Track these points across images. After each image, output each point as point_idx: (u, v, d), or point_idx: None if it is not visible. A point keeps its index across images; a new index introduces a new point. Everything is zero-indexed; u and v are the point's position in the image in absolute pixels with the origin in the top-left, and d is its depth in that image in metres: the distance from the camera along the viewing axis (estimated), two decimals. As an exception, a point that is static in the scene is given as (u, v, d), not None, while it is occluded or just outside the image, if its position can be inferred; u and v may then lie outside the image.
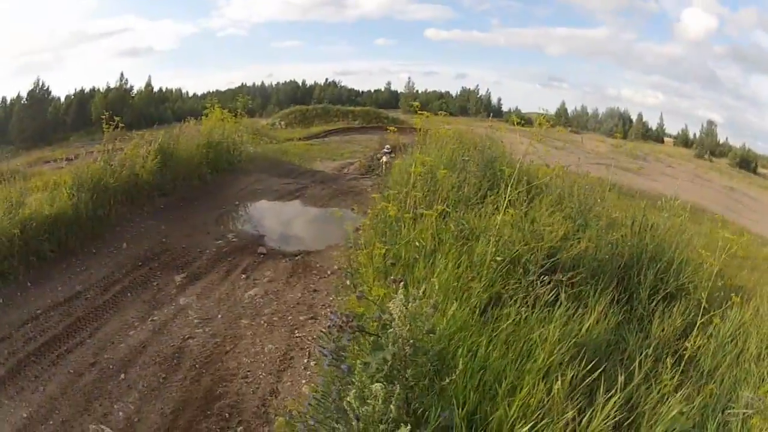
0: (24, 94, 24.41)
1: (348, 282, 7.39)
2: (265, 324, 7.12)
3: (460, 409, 3.74)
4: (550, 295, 5.37)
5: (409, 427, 3.29)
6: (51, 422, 5.44)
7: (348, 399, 3.40)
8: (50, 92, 24.97)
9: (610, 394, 3.78)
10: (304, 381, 5.87)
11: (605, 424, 3.63)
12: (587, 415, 3.69)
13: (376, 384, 3.35)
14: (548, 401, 3.79)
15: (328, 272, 8.51)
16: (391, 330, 3.68)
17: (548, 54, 28.27)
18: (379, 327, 3.98)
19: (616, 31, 27.54)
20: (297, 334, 6.81)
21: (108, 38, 25.17)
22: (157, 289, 8.20)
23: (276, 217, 11.83)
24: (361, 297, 5.19)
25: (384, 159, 18.45)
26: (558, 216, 6.82)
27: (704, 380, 4.67)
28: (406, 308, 3.59)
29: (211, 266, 8.99)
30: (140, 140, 12.64)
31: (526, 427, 3.55)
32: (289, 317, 7.24)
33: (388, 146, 18.91)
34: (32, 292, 7.96)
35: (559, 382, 3.86)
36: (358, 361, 3.61)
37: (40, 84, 24.62)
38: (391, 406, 3.33)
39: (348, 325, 3.80)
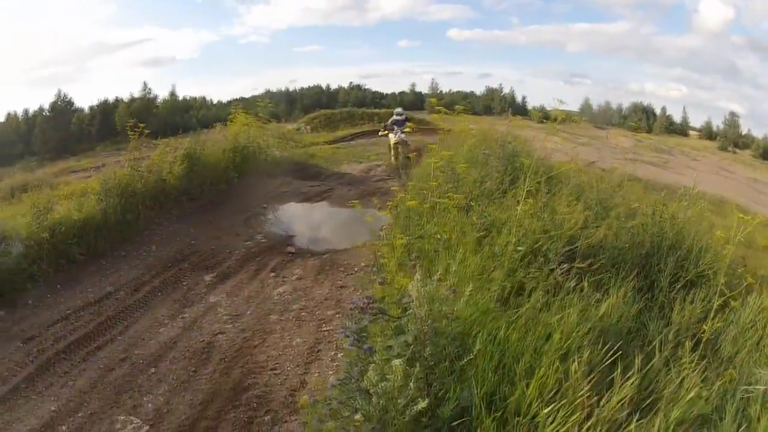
0: (46, 106, 24.83)
1: (374, 277, 7.48)
2: (294, 319, 7.24)
3: (479, 390, 3.82)
4: (571, 282, 5.44)
5: (427, 401, 3.39)
6: (80, 414, 5.60)
7: (368, 375, 3.50)
8: (73, 103, 25.36)
9: (627, 375, 3.83)
10: (331, 372, 5.96)
11: (621, 404, 3.68)
12: (604, 396, 3.73)
13: (395, 360, 3.44)
14: (566, 383, 3.85)
15: (355, 269, 8.61)
16: (411, 311, 3.79)
17: (569, 51, 28.26)
18: (400, 311, 4.09)
19: (636, 25, 27.49)
20: (324, 328, 6.91)
21: (129, 49, 25.57)
22: (187, 288, 8.38)
23: (304, 218, 11.93)
24: (383, 283, 5.28)
25: (394, 139, 16.68)
26: (578, 206, 6.89)
27: (723, 366, 4.68)
28: (424, 289, 3.68)
29: (240, 266, 9.16)
30: (166, 147, 12.90)
31: (546, 409, 3.61)
32: (317, 312, 7.34)
33: (399, 110, 17.23)
34: (62, 293, 8.18)
35: (576, 362, 3.92)
36: (379, 340, 3.72)
37: (62, 95, 25.02)
38: (411, 384, 3.43)
39: (369, 307, 3.91)
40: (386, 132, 17.29)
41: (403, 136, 16.52)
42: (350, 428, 3.58)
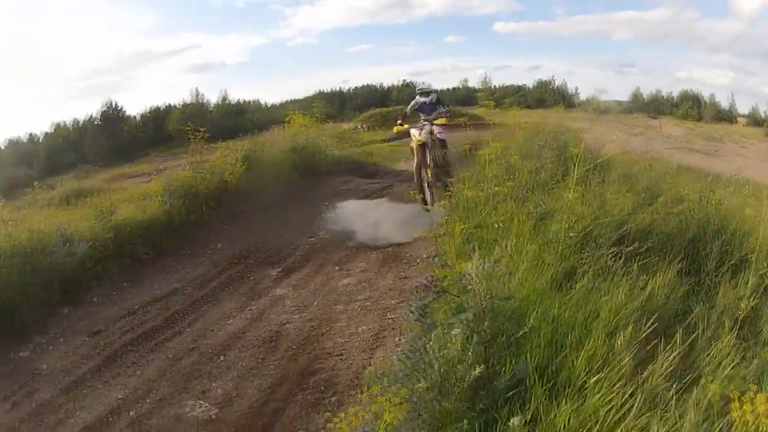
0: (96, 115, 25.45)
1: (435, 266, 7.67)
2: (359, 308, 7.43)
3: (533, 362, 4.10)
4: (619, 263, 5.67)
5: (483, 366, 3.64)
6: (148, 401, 5.94)
7: (429, 344, 3.73)
8: (123, 111, 25.95)
9: (669, 346, 4.11)
10: (395, 356, 6.17)
11: (664, 377, 3.92)
12: (647, 369, 3.98)
13: (455, 329, 3.70)
14: (612, 356, 4.13)
15: (417, 261, 8.71)
16: (470, 287, 4.03)
17: (616, 40, 27.99)
18: (460, 289, 4.33)
19: (677, 11, 27.10)
20: (389, 316, 7.06)
21: (176, 56, 26.06)
22: (254, 282, 8.71)
23: (365, 214, 11.92)
24: (444, 266, 5.48)
25: (418, 137, 10.84)
26: (628, 194, 7.29)
27: (762, 348, 4.79)
28: (482, 267, 3.93)
29: (304, 261, 9.41)
30: (225, 149, 13.34)
31: (593, 378, 3.81)
32: (382, 302, 7.49)
33: (424, 85, 11.72)
34: (128, 290, 8.65)
35: (622, 336, 4.23)
36: (440, 317, 3.97)
37: (112, 104, 25.65)
38: (469, 354, 3.71)
39: (432, 284, 4.15)
40: (405, 126, 11.45)
41: (435, 130, 11.08)
42: (413, 397, 3.80)
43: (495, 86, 27.33)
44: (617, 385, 3.72)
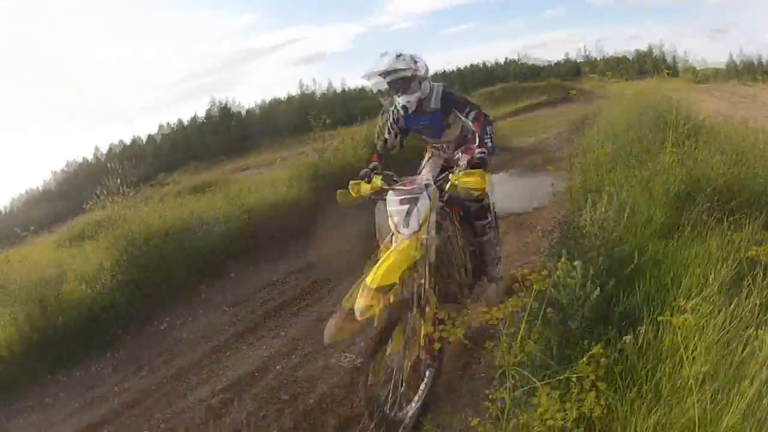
0: (205, 113, 26.40)
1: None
2: (488, 269, 7.97)
3: (641, 296, 4.92)
4: (712, 219, 6.33)
5: (599, 290, 4.64)
6: (293, 356, 6.64)
7: (556, 273, 4.43)
8: (232, 108, 26.84)
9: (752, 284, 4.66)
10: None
11: (748, 309, 4.46)
12: (733, 302, 4.54)
13: (576, 262, 4.42)
14: (705, 288, 4.78)
15: (537, 227, 9.19)
16: (587, 230, 4.71)
17: (707, 4, 27.71)
18: (579, 235, 5.00)
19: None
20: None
21: (280, 50, 27.07)
22: (390, 251, 9.22)
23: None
24: (566, 219, 6.10)
25: (405, 228, 4.87)
26: (719, 157, 7.89)
27: None
28: (595, 213, 4.67)
29: (435, 230, 9.89)
30: (346, 135, 14.24)
31: (690, 303, 4.41)
32: (506, 264, 8.03)
33: (393, 61, 5.30)
34: (264, 266, 9.57)
35: (714, 273, 4.86)
36: (564, 254, 4.63)
37: (221, 102, 26.54)
38: (588, 283, 4.67)
39: (560, 224, 4.84)
40: (369, 187, 5.28)
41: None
42: (543, 329, 4.49)
43: (597, 58, 27.36)
44: (710, 309, 4.39)
